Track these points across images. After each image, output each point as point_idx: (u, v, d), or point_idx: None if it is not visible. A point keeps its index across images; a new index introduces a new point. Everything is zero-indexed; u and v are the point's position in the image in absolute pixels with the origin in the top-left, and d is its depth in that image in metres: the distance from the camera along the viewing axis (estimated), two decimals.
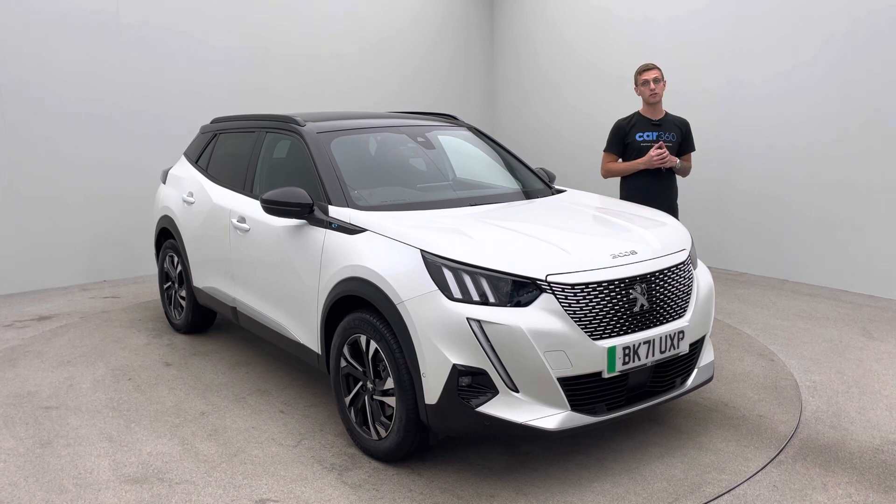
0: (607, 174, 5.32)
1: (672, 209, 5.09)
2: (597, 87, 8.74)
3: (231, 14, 7.86)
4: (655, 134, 5.12)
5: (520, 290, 3.03)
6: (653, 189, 5.06)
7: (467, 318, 2.95)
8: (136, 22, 7.26)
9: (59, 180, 7.01)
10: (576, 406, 3.04)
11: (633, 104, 5.55)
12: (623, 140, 5.21)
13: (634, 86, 5.22)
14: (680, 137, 5.17)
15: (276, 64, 8.24)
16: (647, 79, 5.08)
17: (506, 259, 3.09)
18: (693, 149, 5.27)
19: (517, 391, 2.97)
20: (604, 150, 5.33)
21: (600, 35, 8.68)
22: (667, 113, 5.23)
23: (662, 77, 5.14)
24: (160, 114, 7.48)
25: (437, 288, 3.04)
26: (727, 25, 7.26)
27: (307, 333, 3.86)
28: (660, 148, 4.95)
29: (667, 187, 5.14)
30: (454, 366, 2.95)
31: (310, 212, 3.75)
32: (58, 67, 6.88)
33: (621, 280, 3.17)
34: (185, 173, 5.43)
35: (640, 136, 5.14)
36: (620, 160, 5.27)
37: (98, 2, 7.03)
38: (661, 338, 3.21)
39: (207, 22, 7.71)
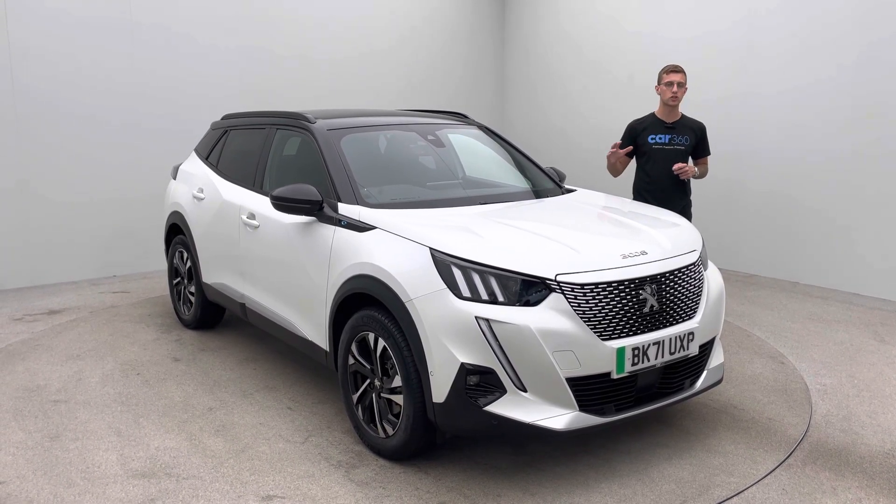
0: (610, 169, 5.27)
1: (685, 213, 5.04)
2: (606, 88, 8.71)
3: (242, 16, 7.87)
4: (668, 137, 5.06)
5: (529, 290, 3.02)
6: (667, 193, 5.01)
7: (476, 317, 2.94)
8: (147, 24, 7.28)
9: (70, 177, 7.04)
10: (584, 406, 3.03)
11: (641, 106, 5.51)
12: (634, 141, 5.17)
13: (657, 83, 5.13)
14: (694, 141, 5.09)
15: (288, 65, 8.25)
16: (672, 80, 4.98)
17: (515, 258, 3.08)
18: (708, 153, 5.21)
19: (525, 391, 2.96)
20: None
21: (609, 37, 8.64)
22: (683, 116, 5.16)
23: (686, 82, 5.05)
24: (170, 113, 7.50)
25: (445, 286, 3.03)
26: (739, 26, 7.22)
27: (316, 330, 3.86)
28: (680, 167, 4.92)
29: (678, 193, 5.07)
30: (462, 364, 2.94)
31: (319, 209, 3.75)
32: (70, 68, 6.91)
33: (631, 280, 3.15)
34: (196, 169, 5.44)
35: (652, 139, 5.08)
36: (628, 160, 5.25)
37: (110, 5, 7.06)
38: (670, 339, 3.20)
39: (218, 24, 7.72)
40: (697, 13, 7.63)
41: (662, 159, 5.03)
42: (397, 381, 3.24)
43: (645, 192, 5.11)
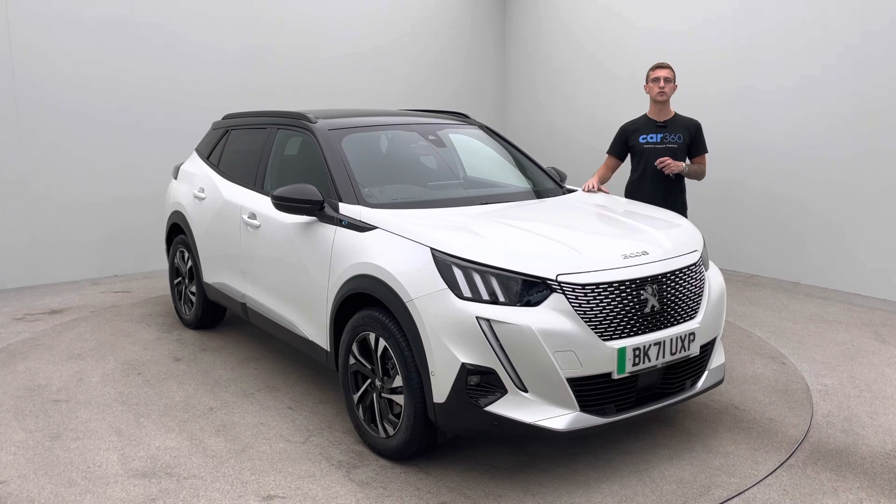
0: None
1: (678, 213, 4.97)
2: (607, 88, 8.71)
3: (242, 16, 7.87)
4: (660, 136, 4.99)
5: (530, 290, 3.02)
6: (657, 194, 4.89)
7: (477, 317, 2.94)
8: (148, 24, 7.28)
9: (71, 176, 7.04)
10: (585, 407, 3.03)
11: (643, 106, 5.50)
12: (626, 143, 5.13)
13: (645, 82, 5.11)
14: (688, 139, 4.99)
15: (288, 63, 8.25)
16: (658, 76, 4.96)
17: (516, 258, 3.08)
18: (705, 150, 5.10)
19: (526, 391, 2.96)
20: (606, 152, 5.28)
21: (612, 36, 8.64)
22: (676, 114, 5.08)
23: (674, 79, 5.02)
24: (171, 113, 7.50)
25: (446, 286, 3.03)
26: (741, 29, 7.21)
27: (316, 330, 3.86)
28: (662, 161, 4.85)
29: (671, 193, 4.97)
30: (463, 364, 2.94)
31: (320, 209, 3.75)
32: (71, 68, 6.91)
33: (632, 281, 3.15)
34: (197, 169, 5.44)
35: (643, 139, 5.03)
36: (621, 162, 5.25)
37: (112, 4, 7.07)
38: (671, 339, 3.19)
39: (219, 24, 7.73)
40: (697, 7, 7.61)
41: (655, 159, 4.94)
42: (398, 381, 3.24)
43: (637, 193, 5.00)
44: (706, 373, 3.50)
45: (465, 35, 9.82)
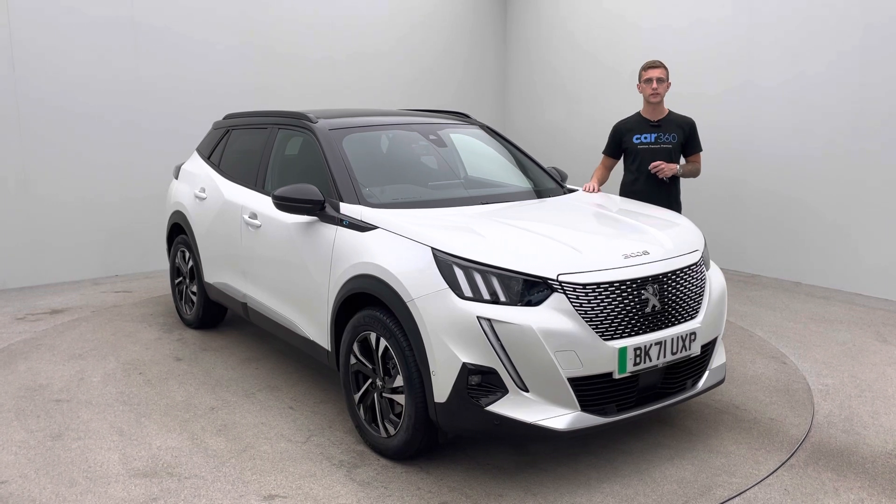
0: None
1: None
2: (608, 87, 8.70)
3: (243, 15, 7.88)
4: (654, 136, 4.93)
5: (531, 290, 3.02)
6: (652, 195, 4.80)
7: (478, 317, 2.94)
8: (149, 24, 7.29)
9: (72, 177, 7.05)
10: (586, 406, 3.03)
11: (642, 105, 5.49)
12: (620, 142, 5.07)
13: (637, 82, 5.02)
14: (683, 138, 4.93)
15: (289, 64, 8.25)
16: (651, 77, 4.85)
17: (517, 258, 3.08)
18: (700, 149, 5.04)
19: (527, 391, 2.96)
20: (602, 152, 5.24)
21: (612, 36, 8.64)
22: (670, 112, 5.01)
23: (667, 77, 4.92)
24: (172, 113, 7.51)
25: (447, 286, 3.03)
26: (741, 28, 7.21)
27: (317, 330, 3.86)
28: (656, 166, 4.81)
29: (665, 194, 4.89)
30: (464, 364, 2.94)
31: (321, 209, 3.75)
32: (72, 68, 6.92)
33: (633, 280, 3.15)
34: (198, 169, 5.44)
35: (637, 139, 4.96)
36: (616, 162, 5.20)
37: (113, 5, 7.08)
38: (672, 339, 3.19)
39: (220, 23, 7.73)
40: (697, 4, 7.61)
41: (649, 159, 4.89)
42: (399, 381, 3.24)
43: (633, 194, 4.91)
44: (707, 372, 3.50)
45: (466, 35, 9.82)
